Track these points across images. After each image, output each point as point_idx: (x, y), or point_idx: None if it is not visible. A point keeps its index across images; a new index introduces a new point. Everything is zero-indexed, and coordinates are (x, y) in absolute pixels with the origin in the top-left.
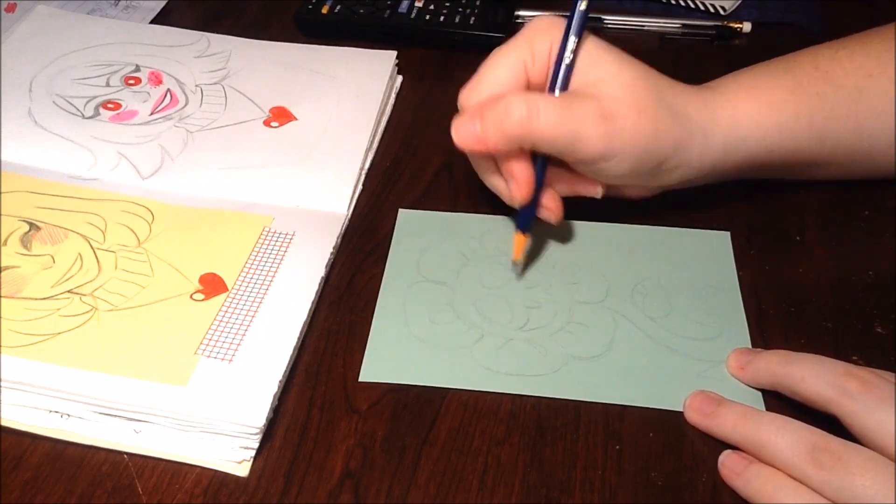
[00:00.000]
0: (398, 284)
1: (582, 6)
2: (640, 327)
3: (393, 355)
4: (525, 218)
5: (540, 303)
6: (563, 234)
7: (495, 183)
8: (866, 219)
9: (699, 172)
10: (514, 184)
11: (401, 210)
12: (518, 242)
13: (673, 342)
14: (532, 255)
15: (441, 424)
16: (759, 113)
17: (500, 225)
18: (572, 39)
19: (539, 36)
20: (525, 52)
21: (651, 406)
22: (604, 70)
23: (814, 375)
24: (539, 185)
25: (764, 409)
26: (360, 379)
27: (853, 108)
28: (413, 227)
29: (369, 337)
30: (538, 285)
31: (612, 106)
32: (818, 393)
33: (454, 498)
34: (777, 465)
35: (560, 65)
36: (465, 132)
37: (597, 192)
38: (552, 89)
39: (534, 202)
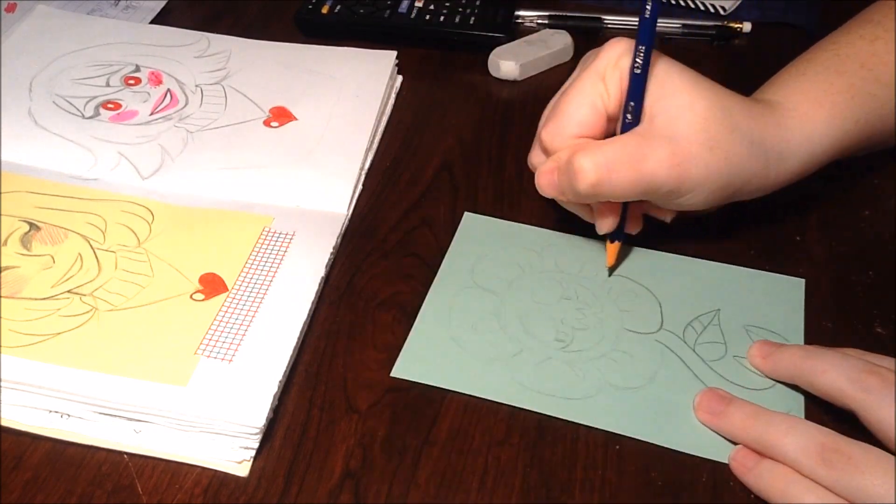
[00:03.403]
0: (449, 287)
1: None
2: (689, 365)
3: (429, 356)
4: (615, 233)
5: (587, 325)
6: (625, 260)
7: (579, 211)
8: (866, 219)
9: (773, 189)
10: (601, 219)
11: (466, 213)
12: (611, 250)
13: (721, 387)
14: (589, 278)
15: (441, 424)
16: (826, 125)
17: (563, 241)
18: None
19: (610, 68)
20: (599, 86)
21: (688, 452)
22: (676, 102)
23: (835, 369)
24: (624, 208)
25: (803, 415)
26: (392, 374)
27: (893, 101)
28: (475, 231)
29: (410, 334)
30: (589, 307)
31: (684, 147)
32: (837, 387)
33: (454, 498)
34: (787, 465)
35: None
36: (547, 184)
37: (667, 218)
38: (624, 128)
39: (622, 219)
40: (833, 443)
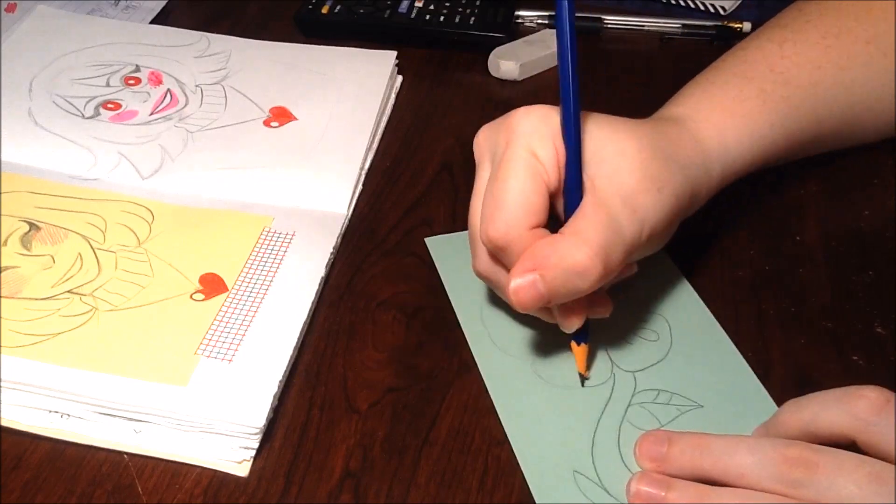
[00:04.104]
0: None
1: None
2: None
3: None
4: (582, 331)
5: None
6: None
7: (538, 314)
8: (866, 219)
9: (706, 201)
10: (570, 316)
11: (427, 239)
12: (580, 355)
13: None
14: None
15: (441, 424)
16: (739, 132)
17: None
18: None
19: (536, 140)
20: (532, 161)
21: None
22: (607, 154)
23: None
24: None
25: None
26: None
27: (811, 102)
28: (449, 255)
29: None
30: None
31: (638, 201)
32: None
33: (454, 498)
34: (751, 490)
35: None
36: (529, 297)
37: (634, 270)
38: (572, 204)
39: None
40: (797, 454)
